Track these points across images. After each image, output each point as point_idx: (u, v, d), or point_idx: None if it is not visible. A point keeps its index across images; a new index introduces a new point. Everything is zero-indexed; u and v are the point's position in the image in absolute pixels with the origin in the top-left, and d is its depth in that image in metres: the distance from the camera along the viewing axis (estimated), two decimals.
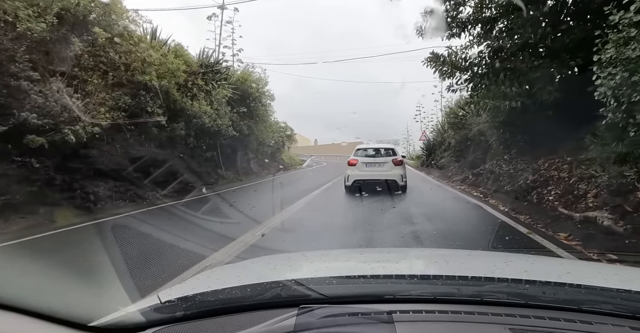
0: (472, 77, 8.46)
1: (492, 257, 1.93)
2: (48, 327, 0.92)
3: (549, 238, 4.62)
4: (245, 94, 15.38)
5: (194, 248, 3.94)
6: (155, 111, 9.04)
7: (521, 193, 7.35)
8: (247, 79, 15.49)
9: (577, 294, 1.01)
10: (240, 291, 1.06)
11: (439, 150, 20.94)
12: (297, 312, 0.91)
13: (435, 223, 5.55)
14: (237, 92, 14.72)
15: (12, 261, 4.08)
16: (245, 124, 15.09)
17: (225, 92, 12.68)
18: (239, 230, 5.22)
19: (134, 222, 6.46)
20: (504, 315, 0.91)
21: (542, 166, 7.68)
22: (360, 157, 9.58)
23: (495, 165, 10.18)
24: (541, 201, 6.57)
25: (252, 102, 15.37)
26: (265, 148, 20.21)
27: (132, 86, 8.61)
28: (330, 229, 5.46)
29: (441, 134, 21.39)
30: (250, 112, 15.63)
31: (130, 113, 8.65)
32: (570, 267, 1.63)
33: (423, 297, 1.01)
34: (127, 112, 8.53)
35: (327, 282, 1.12)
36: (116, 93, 8.26)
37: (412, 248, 3.84)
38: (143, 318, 0.96)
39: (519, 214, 6.21)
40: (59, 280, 2.24)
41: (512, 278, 1.10)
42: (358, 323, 0.89)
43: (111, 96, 8.15)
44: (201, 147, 12.04)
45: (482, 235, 4.92)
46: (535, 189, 7.04)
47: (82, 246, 4.70)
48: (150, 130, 9.16)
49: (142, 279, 2.97)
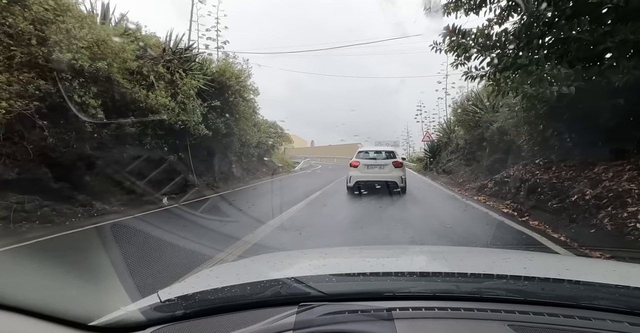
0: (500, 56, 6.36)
1: (491, 253, 1.98)
2: (48, 326, 0.93)
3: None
4: (224, 87, 13.25)
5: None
6: (88, 102, 6.89)
7: (579, 214, 5.25)
8: (226, 71, 13.36)
9: (575, 290, 1.01)
10: (240, 289, 1.06)
11: (445, 152, 18.85)
12: (297, 309, 0.92)
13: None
14: (212, 84, 12.59)
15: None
16: (223, 122, 12.95)
17: (194, 82, 10.55)
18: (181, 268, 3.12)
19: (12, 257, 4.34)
20: (503, 311, 0.91)
21: (604, 175, 5.58)
22: (362, 159, 9.88)
23: (525, 172, 8.08)
24: (621, 228, 4.45)
25: (232, 96, 13.23)
26: (251, 150, 18.06)
27: (52, 67, 6.46)
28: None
29: (447, 133, 19.31)
30: (229, 108, 13.48)
31: (50, 103, 6.51)
32: (569, 263, 1.65)
33: (422, 294, 1.01)
34: (46, 102, 6.39)
35: (326, 280, 1.12)
36: (26, 75, 6.12)
37: (411, 245, 3.80)
38: (143, 317, 0.96)
39: (592, 250, 4.11)
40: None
41: (511, 274, 1.09)
42: (358, 320, 0.89)
43: (17, 79, 6.01)
44: (162, 149, 9.89)
45: None
46: (603, 209, 4.93)
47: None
48: (83, 127, 7.01)
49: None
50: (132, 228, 6.07)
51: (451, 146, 18.13)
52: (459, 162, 15.61)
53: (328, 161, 37.64)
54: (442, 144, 20.15)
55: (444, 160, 18.28)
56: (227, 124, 13.41)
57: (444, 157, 18.90)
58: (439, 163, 19.11)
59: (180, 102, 9.99)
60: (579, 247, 4.31)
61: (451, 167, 15.87)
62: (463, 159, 15.31)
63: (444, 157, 18.83)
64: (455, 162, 15.86)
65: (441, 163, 18.50)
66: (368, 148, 11.15)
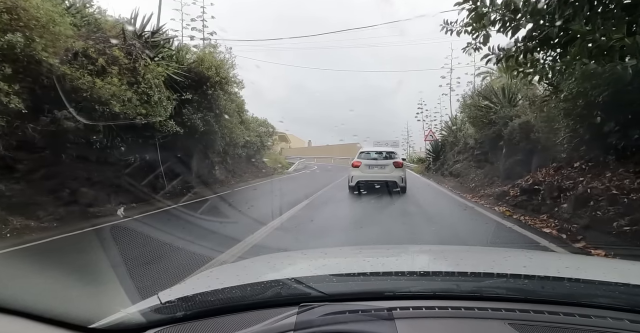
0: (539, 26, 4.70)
1: (490, 252, 1.94)
2: (48, 329, 0.93)
3: None
4: (203, 78, 11.59)
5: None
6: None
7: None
8: (205, 60, 11.69)
9: (575, 288, 1.01)
10: (240, 290, 1.06)
11: (451, 153, 17.21)
12: (297, 310, 0.92)
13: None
14: (188, 74, 10.93)
15: None
16: (200, 118, 11.28)
17: (160, 69, 8.87)
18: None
19: None
20: (503, 310, 0.92)
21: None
22: (364, 160, 10.12)
23: (561, 178, 6.45)
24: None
25: (211, 88, 11.55)
26: (238, 150, 16.38)
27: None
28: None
29: (453, 132, 17.67)
30: (208, 102, 11.79)
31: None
32: (569, 261, 1.62)
33: (423, 293, 1.01)
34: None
35: (326, 280, 1.11)
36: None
37: (411, 245, 3.78)
38: (143, 319, 0.96)
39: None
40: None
41: (511, 273, 1.09)
42: (358, 320, 0.89)
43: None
44: (118, 149, 8.22)
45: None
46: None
47: None
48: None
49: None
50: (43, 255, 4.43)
51: (458, 146, 16.50)
52: (468, 164, 13.97)
53: (326, 161, 35.96)
54: (447, 143, 18.51)
55: (450, 162, 16.64)
56: (206, 121, 11.73)
57: (449, 157, 17.26)
58: (444, 164, 17.47)
59: (143, 93, 8.32)
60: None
61: (459, 169, 14.23)
62: (473, 160, 13.68)
63: (449, 158, 17.19)
64: (464, 164, 14.22)
65: (447, 164, 16.87)
66: (369, 149, 11.37)
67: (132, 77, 8.26)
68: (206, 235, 5.16)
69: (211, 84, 11.75)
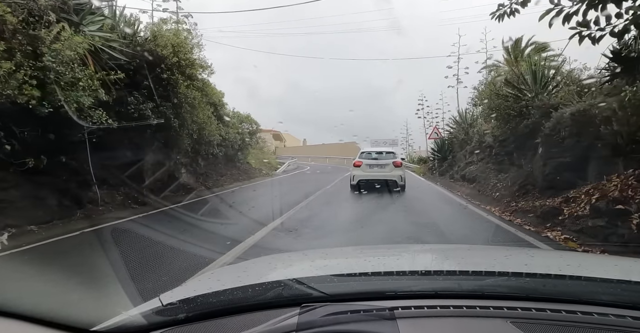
0: None
1: (492, 251, 1.95)
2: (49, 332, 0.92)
3: None
4: (156, 58, 9.16)
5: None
6: None
7: None
8: (158, 36, 9.26)
9: (577, 286, 1.01)
10: (241, 291, 1.05)
11: (462, 153, 14.81)
12: (299, 311, 0.91)
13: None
14: (131, 51, 8.50)
15: None
16: (151, 108, 8.85)
17: (79, 39, 6.43)
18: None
19: None
20: (505, 308, 0.91)
21: None
22: (364, 159, 10.70)
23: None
24: None
25: (166, 72, 9.13)
26: (213, 149, 13.94)
27: None
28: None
29: (464, 129, 15.28)
30: (164, 89, 9.35)
31: None
32: (570, 259, 1.60)
33: (424, 292, 1.01)
34: None
35: (328, 280, 1.10)
36: None
37: (412, 244, 3.87)
38: (145, 321, 0.95)
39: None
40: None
41: (512, 271, 1.09)
42: (360, 320, 0.88)
43: None
44: (1, 148, 5.77)
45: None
46: None
47: None
48: None
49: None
50: None
51: (470, 145, 14.13)
52: (485, 166, 11.59)
53: (321, 162, 33.53)
54: (456, 141, 16.13)
55: (461, 163, 14.25)
56: (161, 112, 9.31)
57: (460, 158, 14.88)
58: (454, 166, 15.09)
59: (45, 69, 5.90)
60: None
61: (474, 172, 11.84)
62: (492, 161, 11.29)
63: (460, 159, 14.81)
64: (480, 166, 11.83)
65: (457, 166, 14.48)
66: (370, 149, 11.94)
67: (30, 46, 5.85)
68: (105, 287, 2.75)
69: (167, 66, 9.32)
